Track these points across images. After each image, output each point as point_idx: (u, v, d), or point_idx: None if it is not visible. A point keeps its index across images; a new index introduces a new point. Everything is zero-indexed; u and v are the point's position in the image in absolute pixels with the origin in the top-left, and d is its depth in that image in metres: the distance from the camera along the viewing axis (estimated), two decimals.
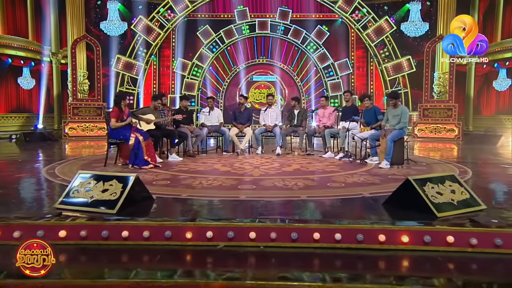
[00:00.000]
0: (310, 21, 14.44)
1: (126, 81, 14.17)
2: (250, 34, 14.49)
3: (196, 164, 6.28)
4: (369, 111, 6.76)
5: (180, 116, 6.81)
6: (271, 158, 7.10)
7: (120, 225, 2.60)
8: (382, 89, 14.24)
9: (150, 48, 14.20)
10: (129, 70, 14.04)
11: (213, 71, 14.76)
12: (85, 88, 13.05)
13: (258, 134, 7.89)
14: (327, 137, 7.25)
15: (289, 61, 14.67)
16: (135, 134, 5.79)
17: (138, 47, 14.17)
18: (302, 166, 6.09)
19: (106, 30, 13.68)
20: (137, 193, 3.58)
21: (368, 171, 5.64)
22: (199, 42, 14.38)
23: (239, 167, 5.96)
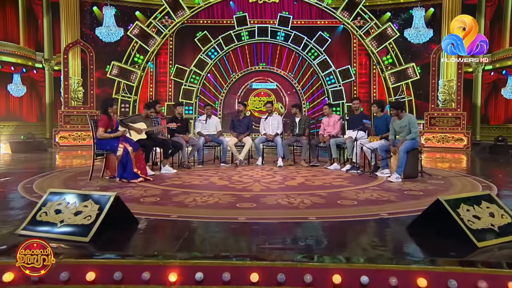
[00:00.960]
0: (311, 28, 14.01)
1: (122, 88, 13.66)
2: (249, 41, 14.02)
3: (191, 177, 5.71)
4: (380, 120, 6.22)
5: (174, 124, 6.25)
6: (273, 170, 6.54)
7: (84, 265, 2.02)
8: (386, 97, 13.73)
9: (146, 54, 13.70)
10: (125, 77, 13.52)
11: (212, 78, 14.26)
12: (80, 95, 12.53)
13: (258, 144, 7.34)
14: (333, 147, 6.70)
15: (290, 68, 14.19)
16: (123, 144, 5.23)
17: (135, 53, 13.67)
18: (306, 180, 5.53)
19: (102, 36, 13.20)
20: (117, 216, 3.00)
21: (380, 185, 5.08)
22: (197, 48, 13.90)
23: (237, 181, 5.39)
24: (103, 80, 13.38)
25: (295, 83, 14.20)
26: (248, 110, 14.09)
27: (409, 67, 13.30)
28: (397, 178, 5.33)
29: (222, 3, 13.98)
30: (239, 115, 7.54)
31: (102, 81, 13.41)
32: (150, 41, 13.62)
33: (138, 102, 13.79)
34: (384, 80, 13.71)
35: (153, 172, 5.85)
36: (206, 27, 13.98)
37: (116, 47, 13.50)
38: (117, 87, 13.56)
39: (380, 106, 6.27)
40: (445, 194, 4.46)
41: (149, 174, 5.69)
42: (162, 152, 6.23)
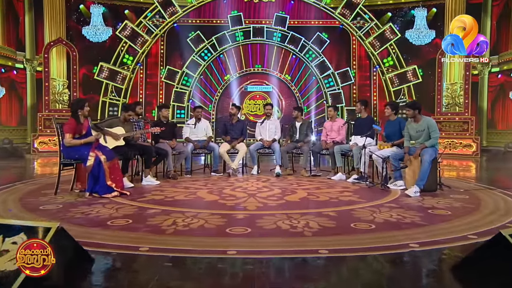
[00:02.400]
0: (309, 28, 13.23)
1: (110, 90, 12.79)
2: (244, 41, 13.22)
3: (176, 190, 4.88)
4: (392, 124, 5.44)
5: (157, 129, 5.42)
6: (270, 181, 5.73)
7: None
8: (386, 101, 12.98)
9: (136, 55, 12.86)
10: (113, 79, 12.66)
11: (205, 81, 13.44)
12: (65, 98, 11.68)
13: (254, 151, 6.54)
14: (337, 155, 5.91)
15: (287, 70, 13.40)
16: (95, 152, 4.39)
17: (124, 54, 12.82)
18: (309, 193, 4.72)
19: (89, 35, 12.36)
20: (60, 254, 2.17)
21: (396, 201, 4.29)
22: (189, 49, 13.05)
23: (229, 195, 4.58)
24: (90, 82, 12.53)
25: (292, 85, 13.42)
26: (242, 114, 13.31)
27: (410, 69, 12.57)
28: (416, 192, 4.54)
29: (216, 2, 13.21)
30: (231, 118, 6.73)
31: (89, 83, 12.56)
32: (140, 41, 12.78)
33: None
34: (384, 83, 12.98)
35: (131, 185, 5.01)
36: (199, 27, 13.16)
37: (104, 47, 12.66)
38: (105, 90, 12.69)
39: (394, 108, 5.49)
40: (479, 214, 3.68)
41: (127, 187, 4.87)
42: (144, 160, 5.41)
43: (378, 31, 12.69)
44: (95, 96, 12.40)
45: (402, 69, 12.65)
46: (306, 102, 13.32)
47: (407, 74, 12.60)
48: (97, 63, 12.40)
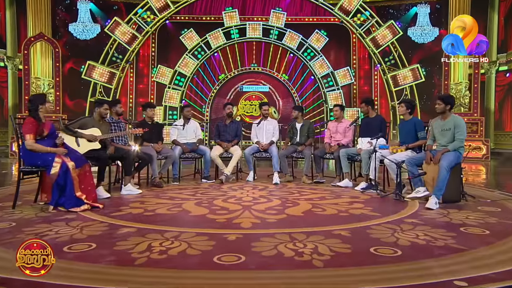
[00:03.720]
0: (307, 25, 12.61)
1: (99, 91, 12.05)
2: (240, 39, 12.54)
3: (159, 202, 4.18)
4: (406, 124, 4.77)
5: (140, 130, 4.72)
6: (268, 189, 5.04)
7: None
8: (388, 101, 12.38)
9: (126, 53, 12.14)
10: (102, 78, 11.92)
11: (198, 80, 12.74)
12: (51, 98, 10.91)
13: (249, 155, 5.85)
14: (343, 160, 5.23)
15: (284, 69, 12.73)
16: (61, 158, 3.68)
17: (113, 52, 12.09)
18: (314, 205, 4.04)
19: (76, 32, 11.68)
20: None
21: (417, 215, 3.61)
22: (182, 47, 12.36)
23: (220, 208, 3.88)
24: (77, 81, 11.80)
25: (290, 85, 12.75)
26: (238, 115, 12.62)
27: (413, 68, 11.94)
28: (436, 203, 3.87)
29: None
30: (225, 119, 6.04)
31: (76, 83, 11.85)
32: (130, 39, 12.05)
33: None
34: (386, 82, 12.34)
35: (108, 195, 4.30)
36: (192, 24, 12.48)
37: (92, 45, 11.94)
38: (93, 90, 11.95)
39: (409, 107, 4.82)
40: None
41: (102, 198, 4.17)
42: (123, 166, 4.69)
43: (379, 29, 12.06)
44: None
45: (404, 68, 12.03)
46: (304, 102, 12.64)
47: (409, 73, 11.98)
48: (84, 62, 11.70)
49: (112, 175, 5.08)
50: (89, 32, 11.65)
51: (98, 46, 11.96)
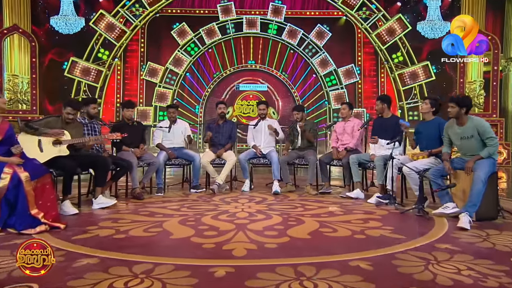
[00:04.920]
0: (309, 19, 12.03)
1: (83, 89, 11.46)
2: (236, 34, 11.98)
3: (136, 219, 3.58)
4: (428, 126, 4.20)
5: (117, 135, 4.12)
6: (266, 202, 4.46)
7: None
8: (396, 101, 11.82)
9: (113, 49, 11.56)
10: (86, 76, 11.33)
11: (191, 79, 12.16)
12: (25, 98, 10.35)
13: (245, 161, 5.26)
14: (354, 167, 4.65)
15: (284, 67, 12.17)
16: (12, 168, 3.09)
17: (98, 48, 11.50)
18: (321, 223, 3.45)
19: (58, 26, 11.09)
20: None
21: (450, 237, 3.03)
22: (174, 43, 11.78)
23: (210, 227, 3.30)
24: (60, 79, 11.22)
25: (290, 84, 12.20)
26: (234, 116, 12.06)
27: (423, 66, 11.41)
28: (470, 222, 3.29)
29: None
30: (217, 120, 5.45)
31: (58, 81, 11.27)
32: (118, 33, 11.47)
33: (102, 106, 11.59)
34: (393, 81, 11.80)
35: (75, 211, 3.70)
36: (184, 17, 11.88)
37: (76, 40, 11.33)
38: (76, 88, 11.36)
39: (435, 105, 4.25)
40: None
41: (68, 215, 3.58)
42: (95, 175, 4.10)
43: (386, 23, 11.52)
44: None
45: (413, 65, 11.49)
46: (305, 102, 12.07)
47: (419, 71, 11.44)
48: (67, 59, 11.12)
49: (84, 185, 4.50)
50: (72, 26, 11.06)
51: (82, 41, 11.37)
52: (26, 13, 10.33)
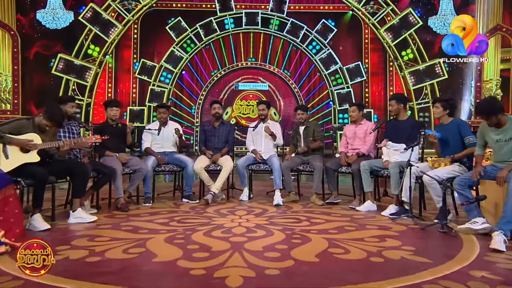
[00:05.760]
0: (313, 14, 11.73)
1: (72, 88, 11.09)
2: (235, 30, 11.64)
3: (116, 236, 3.20)
4: (447, 129, 3.83)
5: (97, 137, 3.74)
6: (267, 214, 4.09)
7: None
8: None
9: (104, 46, 11.20)
10: (75, 74, 10.97)
11: (187, 77, 11.82)
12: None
13: (243, 168, 4.90)
14: (365, 175, 4.26)
15: (286, 65, 11.86)
16: None
17: (88, 44, 11.15)
18: (331, 242, 3.07)
19: (45, 21, 10.78)
20: None
21: (482, 261, 2.66)
22: (169, 39, 11.44)
23: (201, 246, 2.93)
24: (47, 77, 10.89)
25: (292, 83, 11.86)
26: (232, 117, 11.71)
27: (434, 64, 11.03)
28: (504, 242, 2.91)
29: None
30: (213, 121, 5.08)
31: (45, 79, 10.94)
32: (109, 29, 11.12)
33: (92, 106, 11.24)
34: (403, 80, 11.44)
35: (46, 226, 3.31)
36: (180, 12, 11.56)
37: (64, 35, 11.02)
38: (65, 87, 10.99)
39: (448, 107, 3.89)
40: None
41: (38, 230, 3.20)
42: (73, 185, 3.72)
43: (395, 18, 11.16)
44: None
45: (424, 63, 11.13)
46: (309, 102, 11.74)
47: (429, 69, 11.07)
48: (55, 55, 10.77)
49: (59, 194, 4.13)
50: (60, 21, 10.74)
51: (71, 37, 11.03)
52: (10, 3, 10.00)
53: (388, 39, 11.20)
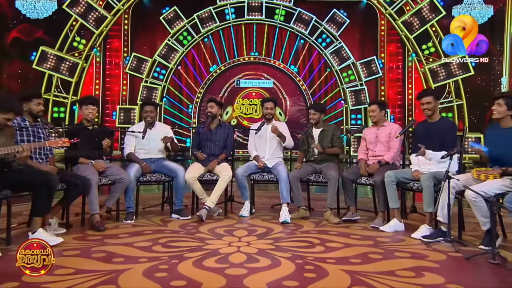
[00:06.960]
0: (323, 4, 11.39)
1: (55, 85, 10.74)
2: (236, 21, 11.33)
3: (81, 267, 2.70)
4: (505, 134, 3.30)
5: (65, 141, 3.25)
6: (272, 235, 3.59)
7: None
8: None
9: (91, 38, 10.88)
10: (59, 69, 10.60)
11: (184, 73, 11.50)
12: None
13: (243, 177, 4.40)
14: (389, 188, 3.75)
15: (293, 60, 11.54)
16: None
17: (74, 36, 10.83)
18: (353, 276, 2.57)
19: (25, 10, 10.44)
20: None
21: None
22: (163, 30, 11.15)
23: (188, 282, 2.43)
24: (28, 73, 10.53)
25: (300, 80, 11.51)
26: (233, 117, 11.29)
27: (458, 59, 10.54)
28: None
29: None
30: (208, 123, 4.58)
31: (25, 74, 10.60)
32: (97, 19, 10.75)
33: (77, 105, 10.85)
34: (423, 76, 11.07)
35: None
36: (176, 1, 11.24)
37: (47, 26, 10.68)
38: (47, 83, 10.69)
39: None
40: None
41: None
42: (34, 200, 3.23)
43: (415, 8, 10.74)
44: None
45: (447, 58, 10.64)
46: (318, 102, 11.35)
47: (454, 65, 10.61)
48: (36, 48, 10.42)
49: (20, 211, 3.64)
50: (42, 10, 10.40)
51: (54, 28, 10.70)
52: None
53: (407, 31, 10.79)
